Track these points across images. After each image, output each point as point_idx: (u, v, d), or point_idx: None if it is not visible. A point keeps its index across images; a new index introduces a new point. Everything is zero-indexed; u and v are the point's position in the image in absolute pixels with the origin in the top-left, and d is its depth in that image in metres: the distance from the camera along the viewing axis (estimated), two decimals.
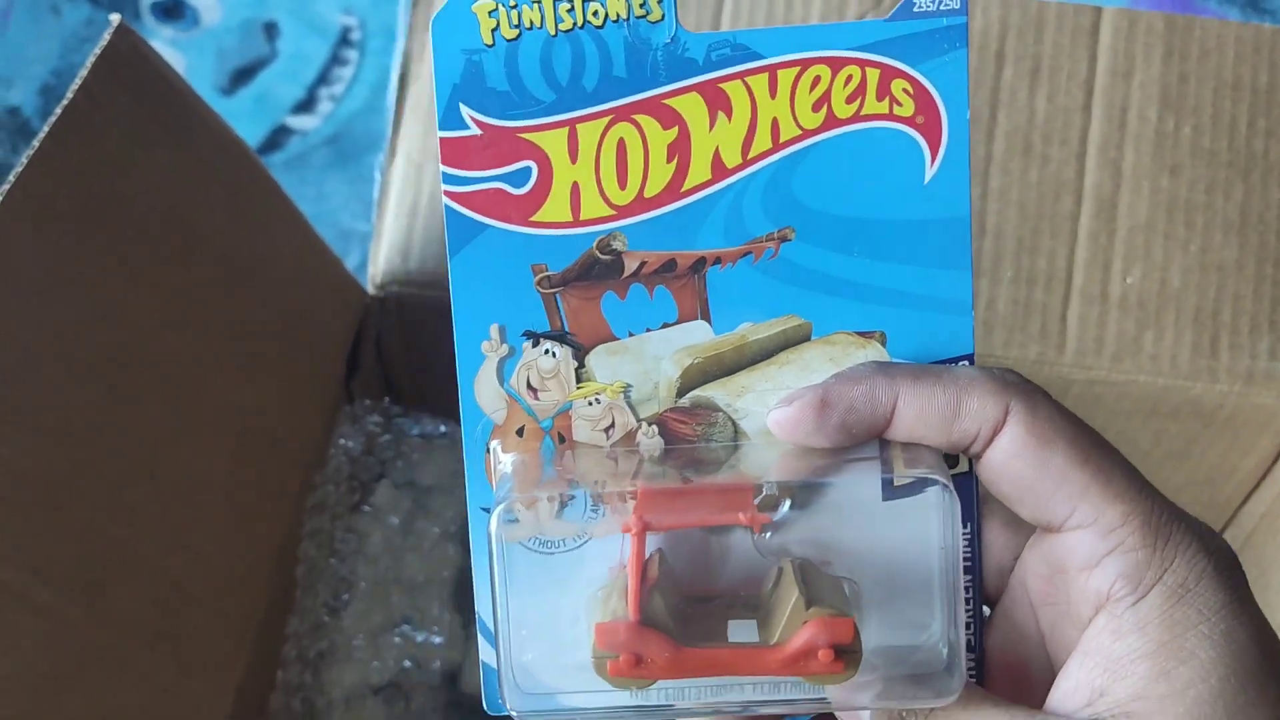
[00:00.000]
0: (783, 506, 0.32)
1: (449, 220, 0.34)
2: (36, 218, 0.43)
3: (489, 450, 0.35)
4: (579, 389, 0.34)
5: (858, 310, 0.34)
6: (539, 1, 0.33)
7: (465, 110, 0.33)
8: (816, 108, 0.33)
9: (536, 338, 0.34)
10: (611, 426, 0.34)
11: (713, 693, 0.31)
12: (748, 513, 0.32)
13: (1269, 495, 0.60)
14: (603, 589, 0.32)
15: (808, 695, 0.31)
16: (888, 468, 0.32)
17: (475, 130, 0.33)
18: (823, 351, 0.34)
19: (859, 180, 0.33)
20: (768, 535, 0.32)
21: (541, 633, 0.32)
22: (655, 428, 0.34)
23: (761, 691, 0.31)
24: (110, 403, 0.46)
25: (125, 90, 0.47)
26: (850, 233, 0.33)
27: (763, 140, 0.33)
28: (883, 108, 0.33)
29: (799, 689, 0.31)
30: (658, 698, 0.32)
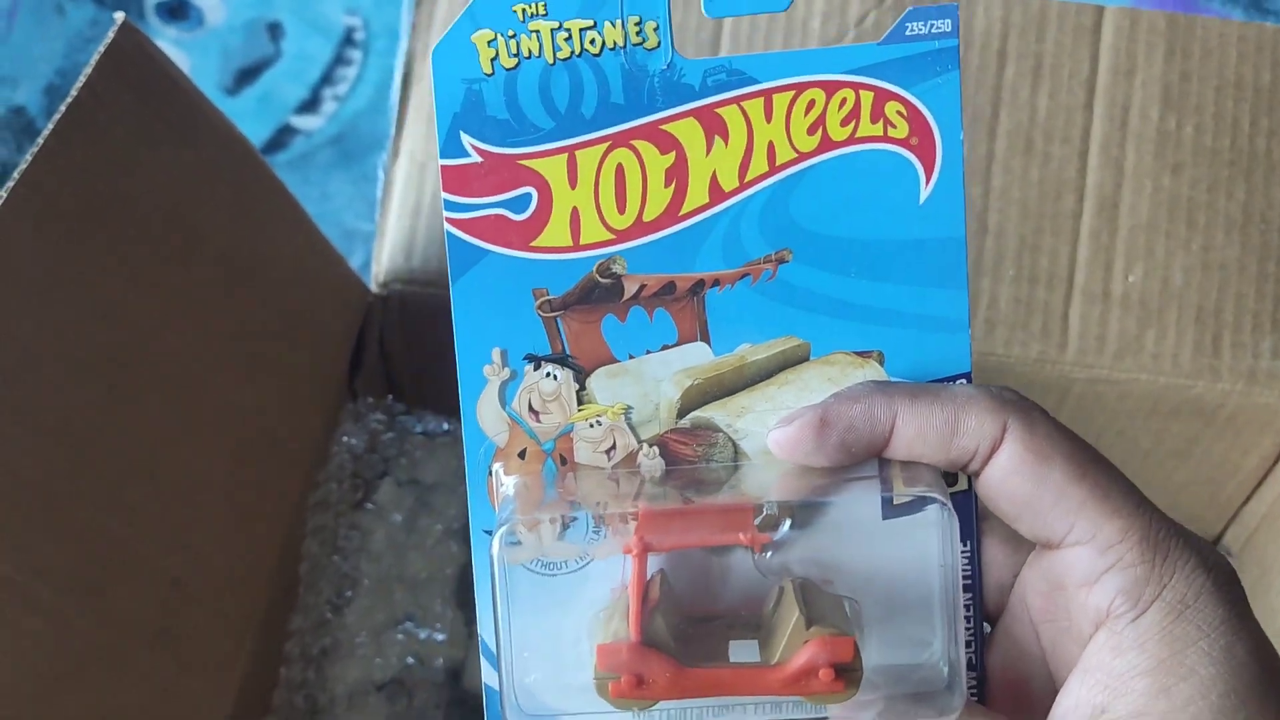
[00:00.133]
0: (783, 526, 0.32)
1: (450, 246, 0.34)
2: (40, 216, 0.43)
3: (491, 473, 0.35)
4: (580, 411, 0.35)
5: (855, 330, 0.34)
6: (537, 31, 0.33)
7: (466, 138, 0.34)
8: (812, 131, 0.33)
9: (538, 361, 0.34)
10: (613, 448, 0.35)
11: (714, 714, 0.32)
12: (748, 533, 0.32)
13: (1271, 494, 0.60)
14: (604, 610, 0.33)
15: (809, 715, 0.31)
16: (887, 486, 0.32)
17: (476, 158, 0.34)
18: (821, 372, 0.34)
19: (855, 201, 0.34)
20: (768, 555, 0.33)
21: (544, 654, 0.33)
22: (656, 449, 0.35)
23: (763, 712, 0.31)
24: (111, 402, 0.46)
25: (129, 88, 0.47)
26: (847, 254, 0.34)
27: (759, 163, 0.33)
28: (877, 130, 0.33)
29: (800, 709, 0.31)
30: (660, 719, 0.32)
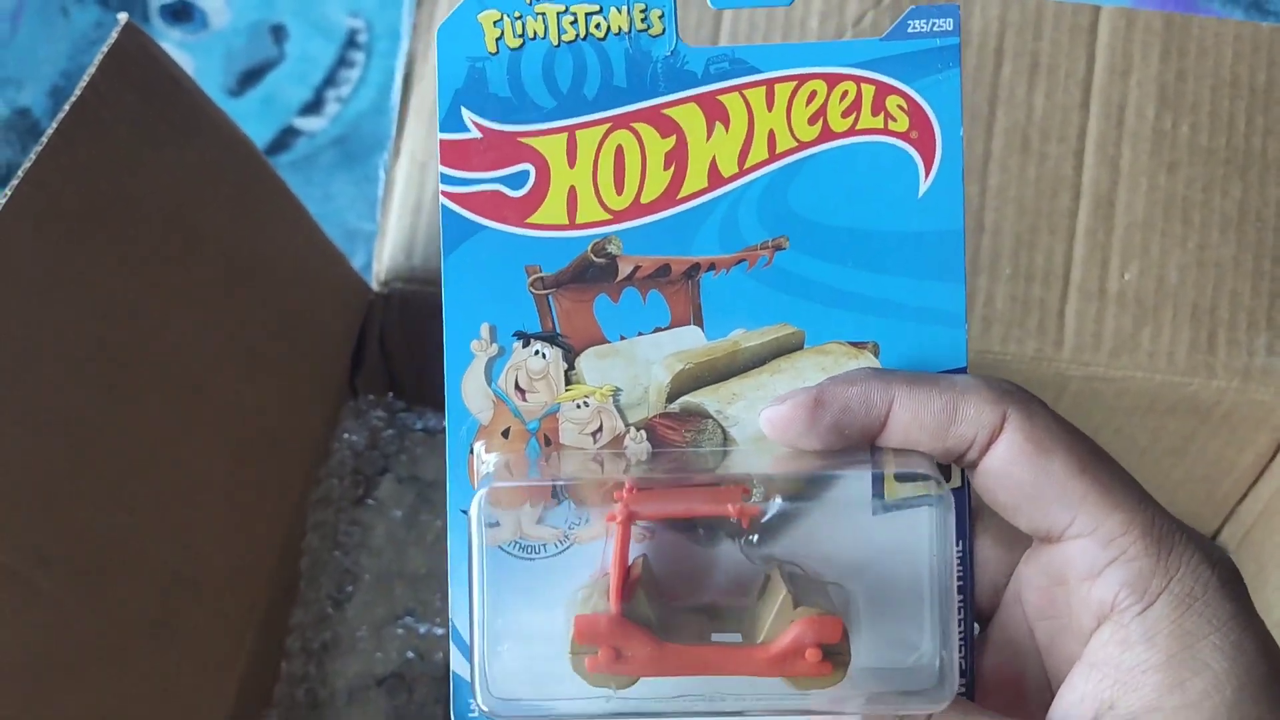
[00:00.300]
0: (774, 501, 0.32)
1: (445, 219, 0.34)
2: (42, 215, 0.43)
3: (472, 451, 0.34)
4: (568, 391, 0.34)
5: (851, 320, 0.34)
6: (543, 14, 0.33)
7: (466, 113, 0.34)
8: (812, 121, 0.33)
9: (527, 338, 0.34)
10: (599, 430, 0.34)
11: (691, 703, 0.31)
12: (737, 504, 0.31)
13: (1267, 491, 0.60)
14: (584, 588, 0.32)
15: (793, 706, 0.30)
16: (879, 468, 0.32)
17: (475, 133, 0.34)
18: (815, 360, 0.34)
19: (854, 192, 0.34)
20: (755, 539, 0.32)
21: (519, 637, 0.32)
22: (644, 433, 0.34)
23: (744, 703, 0.30)
24: (113, 399, 0.46)
25: (133, 89, 0.47)
26: (844, 243, 0.34)
27: (759, 151, 0.34)
28: (878, 123, 0.33)
29: (786, 699, 0.30)
30: (636, 706, 0.31)
